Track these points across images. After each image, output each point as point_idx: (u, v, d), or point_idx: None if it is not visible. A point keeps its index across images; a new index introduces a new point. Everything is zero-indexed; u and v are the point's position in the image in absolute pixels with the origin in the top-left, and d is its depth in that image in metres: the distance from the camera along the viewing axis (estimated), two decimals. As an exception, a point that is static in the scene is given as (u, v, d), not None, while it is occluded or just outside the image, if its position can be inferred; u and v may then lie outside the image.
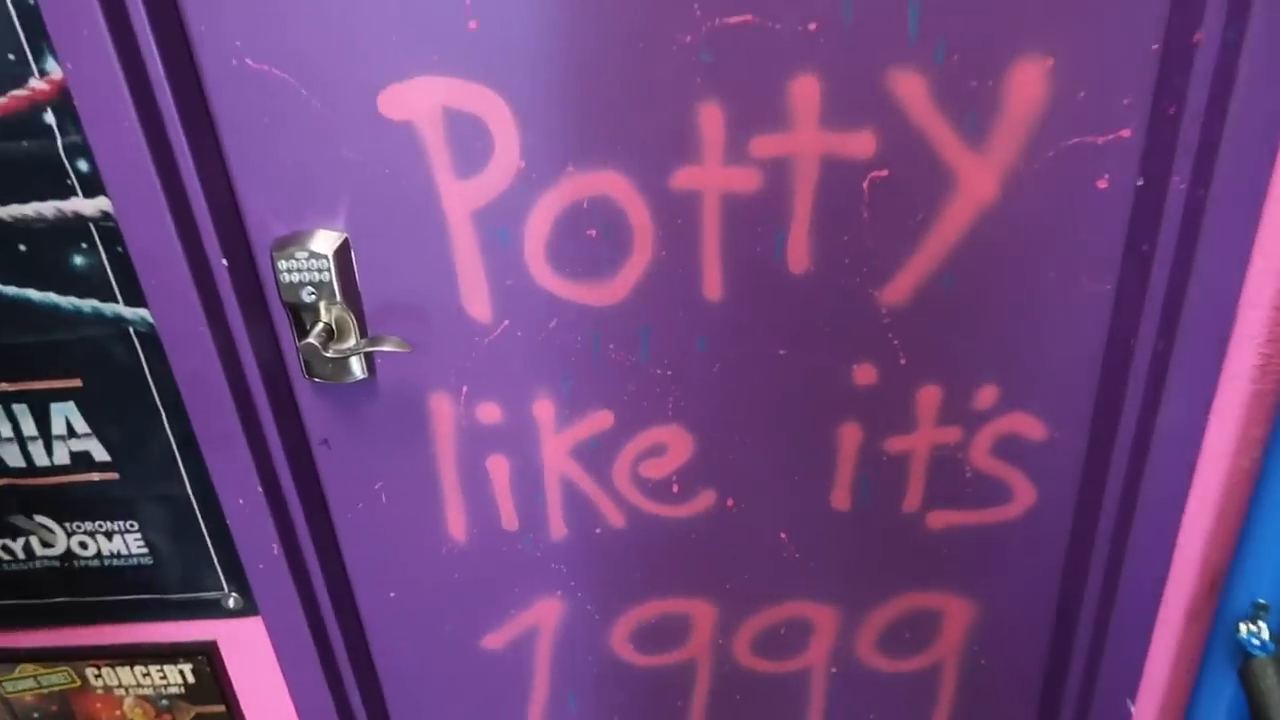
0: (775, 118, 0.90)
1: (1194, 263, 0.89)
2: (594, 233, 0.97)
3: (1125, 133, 0.90)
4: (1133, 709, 1.17)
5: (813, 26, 0.86)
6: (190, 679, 1.20)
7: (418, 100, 0.91)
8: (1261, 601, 0.95)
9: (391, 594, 1.24)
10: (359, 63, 0.89)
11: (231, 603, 1.14)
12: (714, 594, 1.23)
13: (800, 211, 0.95)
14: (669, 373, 1.06)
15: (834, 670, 1.29)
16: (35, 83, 0.82)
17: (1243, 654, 0.96)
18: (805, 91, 0.89)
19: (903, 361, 1.04)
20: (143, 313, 0.95)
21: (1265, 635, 0.94)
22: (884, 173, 0.93)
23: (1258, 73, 0.79)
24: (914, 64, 0.88)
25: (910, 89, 0.89)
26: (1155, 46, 0.86)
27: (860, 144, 0.92)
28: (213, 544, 1.10)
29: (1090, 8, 0.85)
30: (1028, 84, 0.88)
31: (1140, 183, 0.92)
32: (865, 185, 0.94)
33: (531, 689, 1.32)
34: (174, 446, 1.03)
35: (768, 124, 0.91)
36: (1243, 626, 0.96)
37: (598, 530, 1.18)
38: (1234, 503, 1.01)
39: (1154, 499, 1.04)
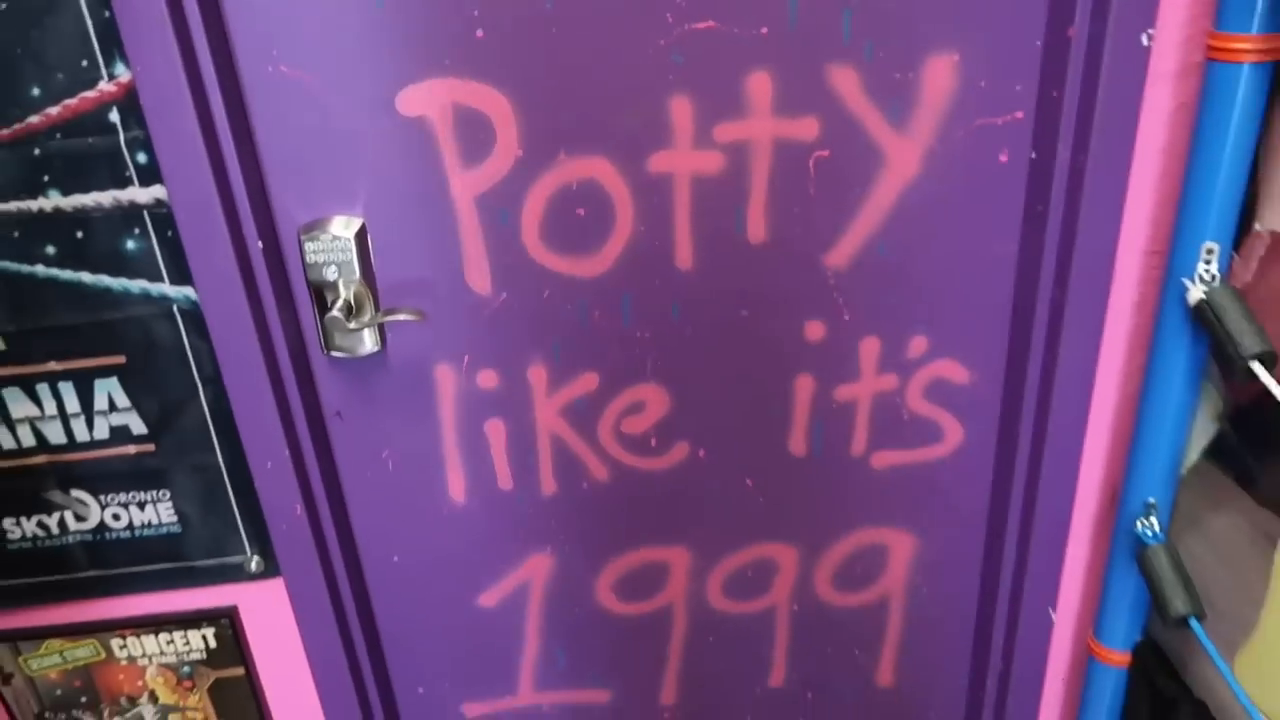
0: (735, 107, 1.08)
1: (1079, 220, 1.09)
2: (582, 211, 1.13)
3: (1019, 114, 1.10)
4: (1054, 616, 1.36)
5: (764, 30, 1.04)
6: (212, 643, 1.29)
7: (430, 99, 1.06)
8: (1151, 500, 1.14)
9: (395, 558, 1.36)
10: (379, 68, 1.04)
11: (254, 565, 1.25)
12: (688, 540, 1.38)
13: (757, 188, 1.13)
14: (647, 335, 1.21)
15: (795, 608, 1.45)
16: (104, 85, 0.95)
17: (1140, 546, 1.15)
18: (759, 85, 1.07)
19: (846, 318, 1.22)
20: (186, 291, 1.07)
21: (1156, 528, 1.13)
22: (826, 153, 1.11)
23: (1117, 58, 0.99)
24: (848, 61, 1.06)
25: (845, 82, 1.07)
26: (1039, 42, 1.06)
27: (805, 129, 1.10)
28: (239, 509, 1.20)
29: (986, 12, 1.05)
30: (940, 76, 1.07)
31: (1033, 155, 1.12)
32: (811, 164, 1.12)
33: (523, 644, 1.45)
34: (208, 417, 1.14)
35: (729, 113, 1.08)
36: (1139, 523, 1.15)
37: (584, 485, 1.32)
38: (1125, 422, 1.21)
39: (1060, 427, 1.23)
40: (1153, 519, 1.14)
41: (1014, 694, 1.43)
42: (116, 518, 1.20)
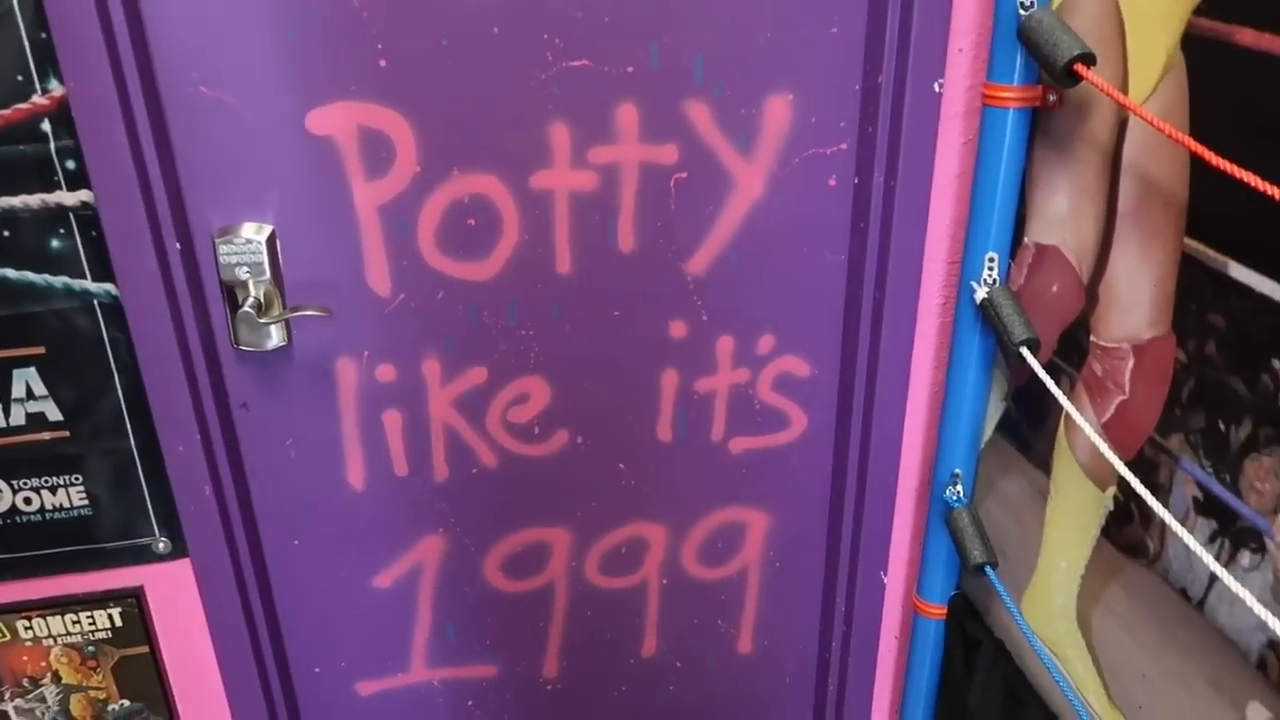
0: (606, 134, 1.25)
1: (892, 234, 1.31)
2: (473, 222, 1.28)
3: (843, 146, 1.31)
4: (885, 579, 1.56)
5: (630, 69, 1.22)
6: (118, 623, 1.37)
7: (337, 119, 1.20)
8: (957, 471, 1.36)
9: (296, 541, 1.46)
10: (291, 91, 1.17)
11: (161, 546, 1.33)
12: (568, 521, 1.53)
13: (626, 204, 1.30)
14: (531, 333, 1.37)
15: (664, 582, 1.62)
16: (37, 98, 1.05)
17: (949, 510, 1.36)
18: (627, 115, 1.25)
19: (705, 319, 1.40)
20: (107, 286, 1.17)
21: (961, 493, 1.35)
22: (684, 175, 1.30)
23: (916, 102, 1.21)
24: (701, 97, 1.26)
25: (699, 115, 1.26)
26: (857, 86, 1.27)
27: (667, 154, 1.28)
28: (149, 493, 1.30)
29: (815, 60, 1.25)
30: (778, 112, 1.28)
31: (856, 180, 1.33)
32: (671, 184, 1.30)
33: (416, 622, 1.57)
34: (122, 404, 1.24)
35: (601, 138, 1.26)
36: (948, 491, 1.36)
37: (474, 471, 1.46)
38: (936, 406, 1.43)
39: (884, 412, 1.44)
40: (959, 486, 1.35)
41: (854, 652, 1.63)
42: (28, 501, 1.27)
